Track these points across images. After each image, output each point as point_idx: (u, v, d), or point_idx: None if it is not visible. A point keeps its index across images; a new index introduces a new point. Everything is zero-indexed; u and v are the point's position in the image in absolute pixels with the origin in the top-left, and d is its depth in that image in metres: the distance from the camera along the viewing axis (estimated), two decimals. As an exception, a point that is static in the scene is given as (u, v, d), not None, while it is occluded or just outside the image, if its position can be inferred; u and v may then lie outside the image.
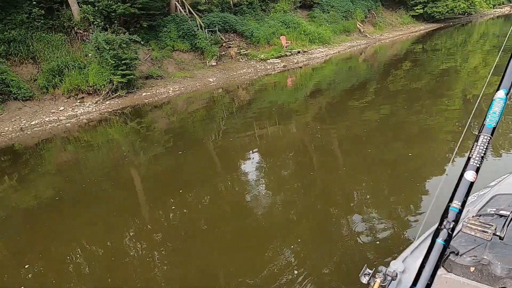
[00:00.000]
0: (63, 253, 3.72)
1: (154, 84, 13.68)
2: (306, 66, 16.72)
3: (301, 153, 5.99)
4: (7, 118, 10.71)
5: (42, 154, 8.25)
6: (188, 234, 3.67)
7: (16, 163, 7.59)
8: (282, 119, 8.14)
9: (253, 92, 12.73)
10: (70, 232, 4.15)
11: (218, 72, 15.27)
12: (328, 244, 3.19)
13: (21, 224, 4.60)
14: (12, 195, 5.80)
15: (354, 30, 22.93)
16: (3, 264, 3.71)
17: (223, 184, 4.98)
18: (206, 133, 7.96)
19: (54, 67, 12.09)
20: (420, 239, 1.69)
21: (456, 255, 1.40)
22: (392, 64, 15.01)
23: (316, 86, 12.30)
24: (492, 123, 0.94)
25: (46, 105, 11.65)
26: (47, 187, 5.92)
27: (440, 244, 0.89)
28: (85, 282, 3.19)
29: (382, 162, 4.94)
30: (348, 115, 7.59)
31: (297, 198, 4.14)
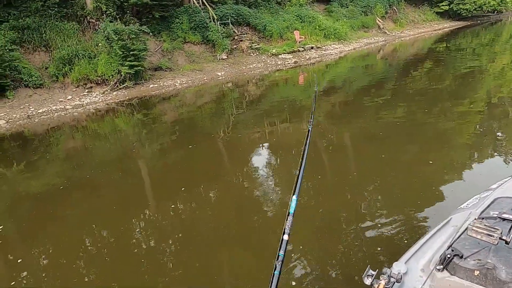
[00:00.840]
0: (68, 239, 3.75)
1: (162, 76, 13.65)
2: (319, 63, 16.25)
3: (312, 152, 5.72)
4: (17, 105, 10.94)
5: (51, 141, 8.33)
6: (193, 227, 3.60)
7: (25, 149, 7.72)
8: (293, 116, 7.88)
9: (264, 87, 12.46)
10: (76, 219, 4.18)
11: (228, 66, 15.07)
12: (334, 244, 3.08)
13: (28, 209, 4.69)
14: (21, 180, 5.90)
15: (373, 26, 22.10)
16: (12, 248, 3.76)
17: (230, 180, 4.87)
18: (215, 127, 7.81)
19: (64, 56, 12.23)
20: (422, 240, 1.66)
21: (460, 258, 1.38)
22: (412, 63, 14.31)
23: (329, 83, 11.88)
24: (292, 211, 1.39)
25: (55, 93, 11.83)
26: (55, 173, 5.97)
27: (276, 274, 1.22)
28: (90, 268, 3.21)
29: (396, 165, 4.68)
30: (363, 115, 7.20)
31: (305, 198, 3.95)
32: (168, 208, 4.20)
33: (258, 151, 5.99)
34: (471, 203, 1.99)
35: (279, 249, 1.27)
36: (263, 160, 5.59)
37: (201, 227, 3.65)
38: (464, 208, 1.96)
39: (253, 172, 5.10)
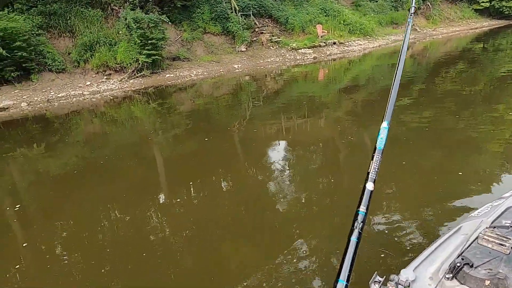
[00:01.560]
0: (84, 220, 3.86)
1: (179, 66, 13.74)
2: (340, 59, 15.72)
3: (329, 151, 5.54)
4: (39, 88, 11.42)
5: (70, 125, 8.62)
6: (203, 219, 3.60)
7: (46, 131, 8.05)
8: (312, 112, 7.63)
9: (282, 82, 12.22)
10: (90, 202, 4.30)
11: (246, 58, 14.91)
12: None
13: (45, 189, 4.90)
14: (40, 160, 6.16)
15: (403, 23, 21.01)
16: (30, 225, 3.92)
17: (245, 173, 4.80)
18: (231, 120, 7.72)
19: (86, 42, 12.58)
20: (431, 248, 1.64)
21: (471, 267, 1.36)
22: (444, 63, 13.44)
23: (351, 81, 11.38)
24: (380, 146, 1.20)
25: (76, 78, 12.24)
26: (73, 156, 6.17)
27: (354, 241, 1.06)
28: (103, 249, 3.31)
29: (417, 172, 4.37)
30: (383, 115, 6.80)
31: (317, 198, 3.84)
32: (180, 198, 4.19)
33: (274, 146, 5.85)
34: (483, 211, 1.94)
35: (359, 204, 1.08)
36: (279, 155, 5.43)
37: (212, 219, 3.62)
38: (475, 216, 1.92)
39: (268, 167, 4.98)
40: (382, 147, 1.20)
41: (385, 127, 1.26)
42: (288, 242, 3.03)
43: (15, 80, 11.37)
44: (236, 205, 3.91)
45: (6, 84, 11.35)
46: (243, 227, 3.47)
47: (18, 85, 11.36)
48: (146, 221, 3.71)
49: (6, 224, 3.92)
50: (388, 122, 1.28)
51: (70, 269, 3.02)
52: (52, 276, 2.97)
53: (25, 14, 12.16)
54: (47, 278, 2.96)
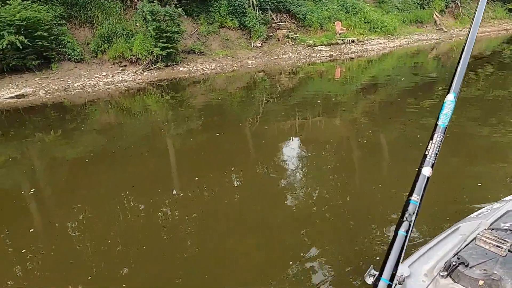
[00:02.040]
0: (96, 205, 3.99)
1: (193, 59, 13.82)
2: (358, 58, 15.30)
3: (342, 152, 5.41)
4: (58, 77, 11.83)
5: (86, 113, 8.89)
6: (210, 214, 3.64)
7: (63, 119, 8.35)
8: (326, 111, 7.47)
9: (297, 79, 12.05)
10: (105, 187, 4.48)
11: (260, 54, 14.80)
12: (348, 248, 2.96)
13: (60, 174, 5.10)
14: (57, 147, 6.41)
15: (428, 21, 20.16)
16: (44, 208, 4.12)
17: (254, 170, 4.79)
18: (244, 115, 7.71)
19: (104, 33, 12.87)
20: (428, 246, 1.66)
21: (466, 267, 1.38)
22: (470, 66, 12.65)
23: (370, 81, 11.02)
24: (444, 123, 1.06)
25: (93, 69, 12.58)
26: (88, 144, 6.37)
27: (402, 235, 0.94)
28: (115, 233, 3.41)
29: (433, 177, 4.13)
30: (404, 118, 6.52)
31: (327, 198, 3.77)
32: (189, 190, 4.23)
33: (286, 144, 5.76)
34: (482, 213, 1.94)
35: (411, 192, 0.95)
36: (291, 154, 5.34)
37: (219, 213, 3.64)
38: (474, 218, 1.93)
39: (279, 165, 4.94)
40: (446, 125, 1.06)
41: (452, 100, 1.09)
42: (295, 241, 3.00)
43: (36, 68, 11.82)
44: (245, 201, 3.88)
45: (27, 72, 11.83)
46: (250, 223, 3.44)
47: (39, 73, 11.82)
48: (155, 210, 3.78)
49: (20, 206, 4.06)
50: (455, 94, 1.09)
51: (80, 253, 3.12)
52: (61, 258, 3.06)
53: (48, 4, 12.56)
54: (56, 260, 3.05)
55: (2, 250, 3.22)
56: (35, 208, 4.10)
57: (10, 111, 9.33)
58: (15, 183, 4.89)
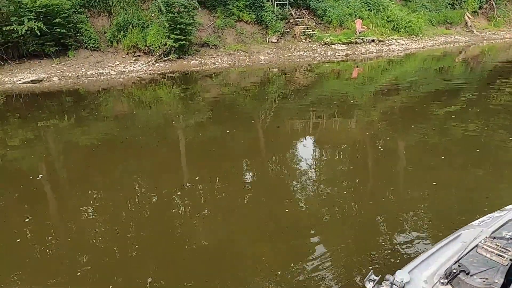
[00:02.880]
0: (107, 190, 4.12)
1: (206, 53, 13.77)
2: (378, 59, 14.69)
3: (357, 156, 5.17)
4: (74, 64, 12.15)
5: (100, 101, 9.07)
6: (219, 206, 3.65)
7: (78, 105, 8.55)
8: (342, 112, 7.22)
9: (312, 78, 11.72)
10: (116, 174, 4.60)
11: (275, 50, 14.53)
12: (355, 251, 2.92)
13: (71, 160, 5.24)
14: (70, 132, 6.58)
15: (458, 23, 19.03)
16: (56, 191, 4.24)
17: (265, 169, 4.70)
18: (256, 112, 7.57)
19: (120, 23, 13.04)
20: (429, 252, 1.66)
21: (467, 275, 1.37)
22: (502, 72, 11.86)
23: (390, 82, 10.53)
24: None
25: (107, 57, 12.81)
26: (100, 131, 6.52)
27: None
28: (127, 217, 3.51)
29: (453, 189, 3.89)
30: (426, 123, 6.19)
31: (335, 204, 3.63)
32: (197, 183, 4.21)
33: (299, 144, 5.62)
34: (483, 221, 1.92)
35: None
36: (303, 154, 5.21)
37: (226, 208, 3.62)
38: (476, 225, 1.91)
39: (290, 164, 4.83)
40: None
41: None
42: (300, 243, 2.96)
43: (54, 54, 12.18)
44: (252, 199, 3.81)
45: (46, 58, 12.22)
46: (256, 219, 3.38)
47: (56, 59, 12.17)
48: (164, 198, 3.83)
49: (32, 191, 4.14)
50: None
51: (91, 235, 3.17)
52: (73, 239, 3.13)
53: (68, -8, 12.86)
54: (68, 240, 3.12)
55: (16, 229, 3.30)
56: (47, 191, 4.18)
57: (28, 95, 9.67)
58: (29, 165, 5.02)
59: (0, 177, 4.62)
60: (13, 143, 5.93)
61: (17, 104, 8.92)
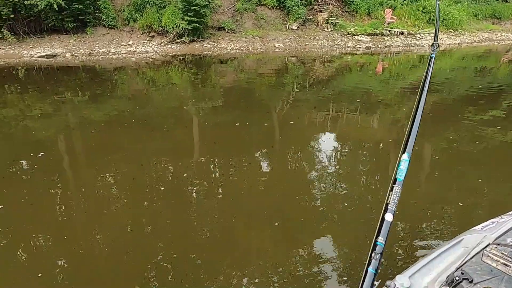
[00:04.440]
0: (122, 166, 4.12)
1: (221, 37, 13.45)
2: (406, 53, 13.53)
3: (378, 156, 4.84)
4: (90, 42, 12.41)
5: (115, 79, 9.20)
6: (229, 193, 3.62)
7: (93, 82, 8.70)
8: (365, 108, 6.75)
9: (333, 69, 11.05)
10: (130, 151, 4.65)
11: (292, 38, 13.86)
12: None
13: (82, 136, 5.31)
14: (85, 107, 6.72)
15: (508, 18, 16.92)
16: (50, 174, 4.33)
17: (277, 161, 4.55)
18: (272, 103, 7.24)
19: (138, 1, 13.04)
20: (430, 257, 1.61)
21: (470, 283, 1.35)
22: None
23: (420, 80, 9.68)
24: (401, 178, 1.23)
25: (123, 36, 12.94)
26: (114, 108, 6.61)
27: (371, 272, 1.05)
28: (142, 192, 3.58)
29: (484, 204, 3.53)
30: (457, 128, 5.72)
31: (349, 204, 3.44)
32: (208, 169, 4.17)
33: (315, 138, 5.37)
34: (487, 226, 1.85)
35: (377, 235, 1.06)
36: (319, 149, 4.96)
37: (236, 196, 3.56)
38: (479, 230, 1.83)
39: (305, 158, 4.64)
40: (402, 179, 1.19)
41: (406, 159, 1.25)
42: (307, 239, 2.87)
43: (73, 30, 12.52)
44: (262, 188, 3.68)
45: (65, 33, 12.59)
46: (265, 210, 3.28)
47: (74, 35, 12.51)
48: (176, 177, 3.86)
49: (48, 161, 4.26)
50: (409, 154, 1.27)
51: (105, 208, 3.23)
52: (89, 213, 3.19)
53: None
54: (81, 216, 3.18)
55: (45, 197, 3.42)
56: (65, 164, 4.26)
57: (48, 69, 10.03)
58: (44, 136, 5.15)
59: (18, 146, 4.75)
60: (32, 114, 6.12)
61: (37, 77, 9.27)
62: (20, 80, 8.96)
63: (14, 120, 5.76)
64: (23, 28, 12.11)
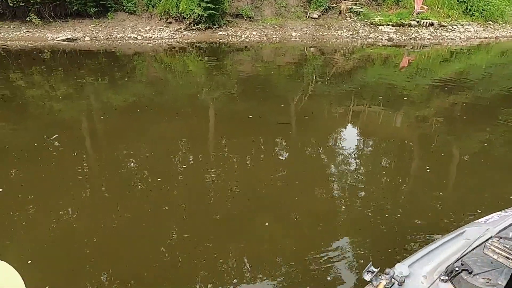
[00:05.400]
0: (141, 146, 4.31)
1: (237, 25, 13.23)
2: (435, 47, 12.57)
3: (400, 154, 4.56)
4: (110, 26, 12.72)
5: (134, 64, 9.39)
6: (241, 183, 3.62)
7: (114, 66, 8.97)
8: (389, 103, 6.45)
9: (355, 61, 10.52)
10: (149, 133, 4.77)
11: (311, 27, 13.33)
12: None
13: (110, 116, 5.51)
14: (106, 90, 6.97)
15: (561, 9, 15.08)
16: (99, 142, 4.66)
17: (293, 151, 4.50)
18: (288, 94, 7.06)
19: (157, -13, 13.09)
20: (431, 247, 1.64)
21: (469, 274, 1.36)
22: None
23: (452, 77, 8.90)
24: None
25: (141, 22, 13.13)
26: (133, 93, 6.77)
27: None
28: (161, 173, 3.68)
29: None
30: (492, 131, 5.30)
31: (365, 202, 3.34)
32: (223, 157, 4.19)
33: (334, 132, 5.20)
34: (490, 219, 1.86)
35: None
36: (341, 145, 4.76)
37: (248, 186, 3.55)
38: (482, 223, 1.85)
39: (321, 152, 4.53)
40: None
41: None
42: (315, 232, 2.88)
43: (94, 15, 12.88)
44: (276, 180, 3.66)
45: (88, 18, 12.99)
46: (278, 203, 3.27)
47: (96, 20, 12.87)
48: (193, 162, 3.97)
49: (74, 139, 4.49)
50: None
51: (123, 188, 3.39)
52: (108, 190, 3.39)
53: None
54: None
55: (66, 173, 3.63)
56: (86, 141, 4.52)
57: (71, 52, 10.44)
58: (68, 117, 5.44)
59: (47, 125, 4.98)
60: (56, 95, 6.43)
61: (62, 59, 9.67)
62: (46, 62, 9.36)
63: (40, 100, 6.13)
64: (49, 12, 12.63)
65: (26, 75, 8.04)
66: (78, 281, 2.33)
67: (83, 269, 2.41)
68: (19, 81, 7.44)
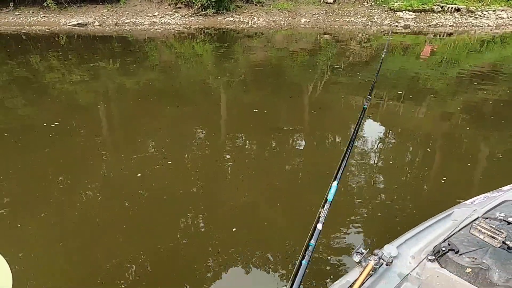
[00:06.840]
0: (150, 132, 4.38)
1: (246, 10, 12.88)
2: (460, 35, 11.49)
3: (421, 150, 4.24)
4: (121, 12, 12.89)
5: (145, 50, 9.46)
6: (249, 174, 3.60)
7: (124, 52, 9.08)
8: (410, 96, 6.06)
9: (372, 49, 9.95)
10: (161, 119, 4.84)
11: (324, 13, 12.66)
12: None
13: (122, 101, 5.70)
14: (118, 74, 7.04)
15: None
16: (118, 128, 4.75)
17: (308, 142, 4.37)
18: (300, 84, 6.88)
19: (167, -28, 12.99)
20: (419, 228, 1.69)
21: (455, 253, 1.42)
22: None
23: (483, 68, 8.14)
24: (330, 198, 1.32)
25: (151, 7, 13.16)
26: (146, 78, 6.87)
27: (304, 264, 1.17)
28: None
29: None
30: None
31: (377, 200, 3.18)
32: (231, 145, 4.18)
33: (349, 124, 4.95)
34: (478, 201, 1.88)
35: (310, 238, 1.25)
36: (358, 138, 4.45)
37: (258, 175, 3.55)
38: (469, 204, 1.87)
39: (336, 143, 4.42)
40: (331, 200, 1.33)
41: (335, 186, 1.37)
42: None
43: (107, 0, 13.10)
44: (286, 173, 3.62)
45: (101, 3, 13.24)
46: (290, 196, 3.24)
47: (108, 5, 13.09)
48: (206, 150, 4.00)
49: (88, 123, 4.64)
50: (337, 181, 1.38)
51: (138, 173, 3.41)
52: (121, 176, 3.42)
53: None
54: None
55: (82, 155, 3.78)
56: (102, 124, 4.69)
57: (86, 37, 10.73)
58: (86, 101, 5.66)
59: (65, 108, 5.16)
60: (72, 79, 6.66)
61: (76, 44, 9.96)
62: (62, 46, 9.63)
63: (58, 83, 6.30)
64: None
65: (58, 59, 8.23)
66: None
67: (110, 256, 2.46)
68: (47, 63, 7.75)
